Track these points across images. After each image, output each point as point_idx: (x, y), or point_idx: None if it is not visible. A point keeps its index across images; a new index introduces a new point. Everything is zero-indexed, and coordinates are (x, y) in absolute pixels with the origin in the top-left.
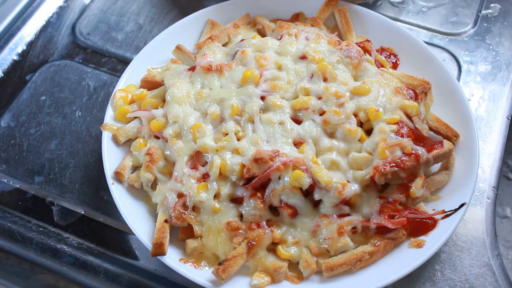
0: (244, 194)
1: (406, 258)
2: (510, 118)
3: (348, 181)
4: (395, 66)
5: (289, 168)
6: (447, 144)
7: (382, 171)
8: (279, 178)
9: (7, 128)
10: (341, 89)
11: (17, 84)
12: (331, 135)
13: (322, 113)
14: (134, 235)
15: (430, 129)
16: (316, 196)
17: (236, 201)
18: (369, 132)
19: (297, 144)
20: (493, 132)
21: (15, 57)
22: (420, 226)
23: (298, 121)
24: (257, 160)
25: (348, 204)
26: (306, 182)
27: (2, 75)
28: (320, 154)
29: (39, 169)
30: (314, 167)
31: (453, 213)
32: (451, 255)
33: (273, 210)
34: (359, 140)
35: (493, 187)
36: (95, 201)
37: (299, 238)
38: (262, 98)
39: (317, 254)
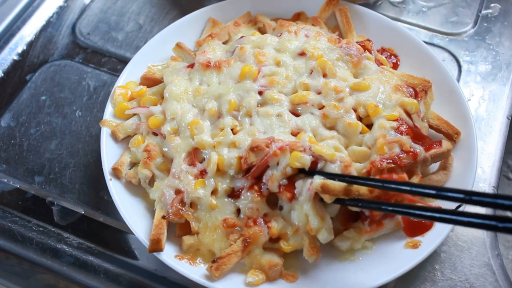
0: (245, 184)
1: (401, 259)
2: (510, 118)
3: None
4: (395, 66)
5: (286, 151)
6: (445, 144)
7: (379, 166)
8: (278, 164)
9: (7, 128)
10: (341, 85)
11: (17, 84)
12: (331, 129)
13: (321, 108)
14: (134, 234)
15: (431, 127)
16: (319, 166)
17: (234, 196)
18: (367, 128)
19: (295, 135)
20: (493, 132)
21: (15, 57)
22: (417, 226)
23: (297, 115)
24: (253, 148)
25: None
26: (306, 159)
27: (2, 75)
28: (320, 142)
29: (39, 169)
30: (314, 146)
31: None
32: (451, 255)
33: (271, 204)
34: (360, 132)
35: (493, 187)
36: (95, 201)
37: (298, 226)
38: (260, 93)
39: (315, 231)
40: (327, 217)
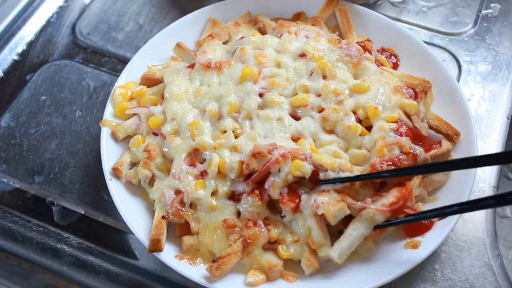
0: (245, 189)
1: (401, 259)
2: (510, 118)
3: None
4: (395, 66)
5: (288, 159)
6: (445, 145)
7: (379, 169)
8: (279, 171)
9: (7, 128)
10: (340, 87)
11: (17, 84)
12: (330, 132)
13: (321, 110)
14: (134, 235)
15: (431, 127)
16: (321, 176)
17: (234, 198)
18: (367, 130)
19: (296, 140)
20: (493, 132)
21: (15, 57)
22: (417, 227)
23: (296, 118)
24: (255, 154)
25: None
26: (307, 169)
27: (2, 75)
28: (320, 148)
29: (39, 169)
30: (315, 154)
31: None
32: (451, 255)
33: (271, 209)
34: (360, 135)
35: (493, 187)
36: (95, 201)
37: (298, 236)
38: (260, 95)
39: (317, 246)
40: (328, 236)
